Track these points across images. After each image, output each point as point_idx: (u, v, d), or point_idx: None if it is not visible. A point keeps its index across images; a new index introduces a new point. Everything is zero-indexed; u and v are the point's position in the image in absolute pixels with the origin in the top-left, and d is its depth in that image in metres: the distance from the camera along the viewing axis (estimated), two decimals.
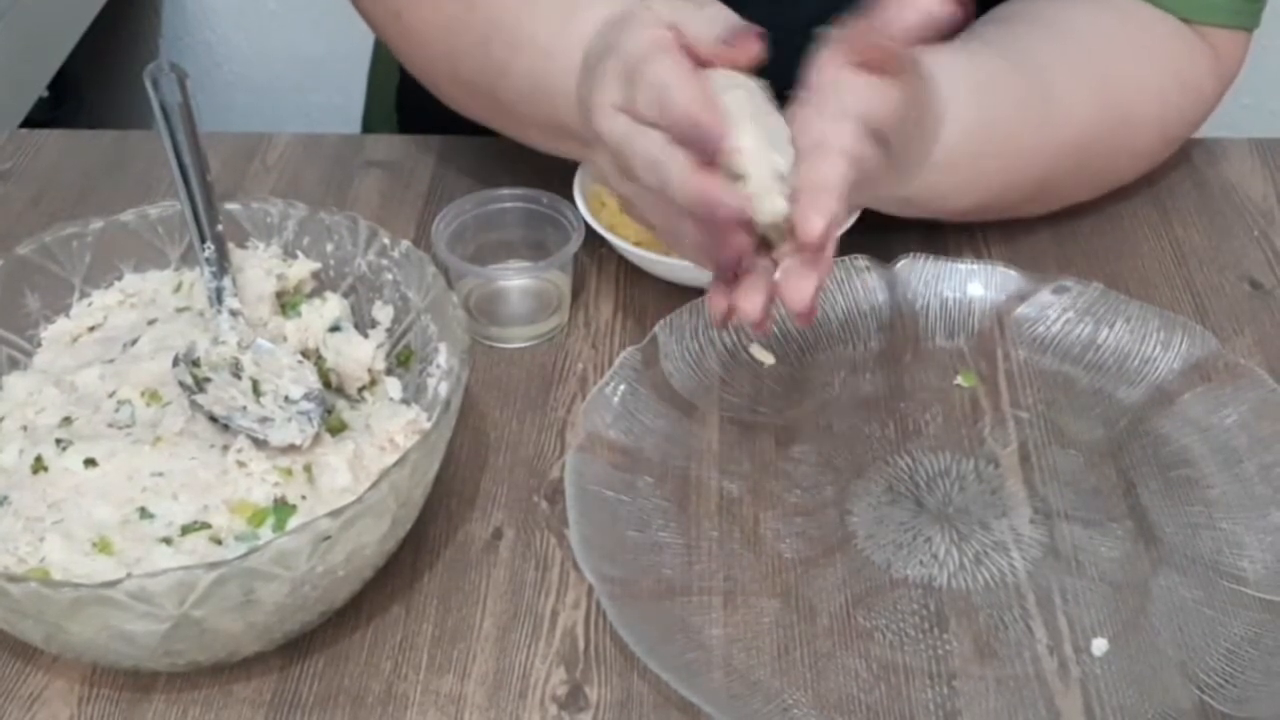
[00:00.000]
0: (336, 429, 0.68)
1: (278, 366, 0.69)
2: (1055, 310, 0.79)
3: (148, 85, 0.73)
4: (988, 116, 0.75)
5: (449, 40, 0.80)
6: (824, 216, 0.60)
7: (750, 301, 0.62)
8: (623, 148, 0.64)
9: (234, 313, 0.70)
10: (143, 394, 0.67)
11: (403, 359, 0.72)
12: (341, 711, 0.62)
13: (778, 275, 0.62)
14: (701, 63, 0.62)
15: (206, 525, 0.62)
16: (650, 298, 0.82)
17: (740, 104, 0.62)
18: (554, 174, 0.84)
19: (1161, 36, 0.83)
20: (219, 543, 0.62)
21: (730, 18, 0.63)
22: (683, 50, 0.62)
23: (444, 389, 0.68)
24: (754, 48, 0.62)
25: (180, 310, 0.72)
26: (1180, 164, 0.91)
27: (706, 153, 0.60)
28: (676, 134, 0.60)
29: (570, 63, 0.70)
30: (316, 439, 0.66)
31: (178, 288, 0.74)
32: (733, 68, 0.63)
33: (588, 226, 0.80)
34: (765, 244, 0.62)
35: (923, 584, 0.67)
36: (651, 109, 0.61)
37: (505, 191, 0.82)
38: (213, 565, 0.55)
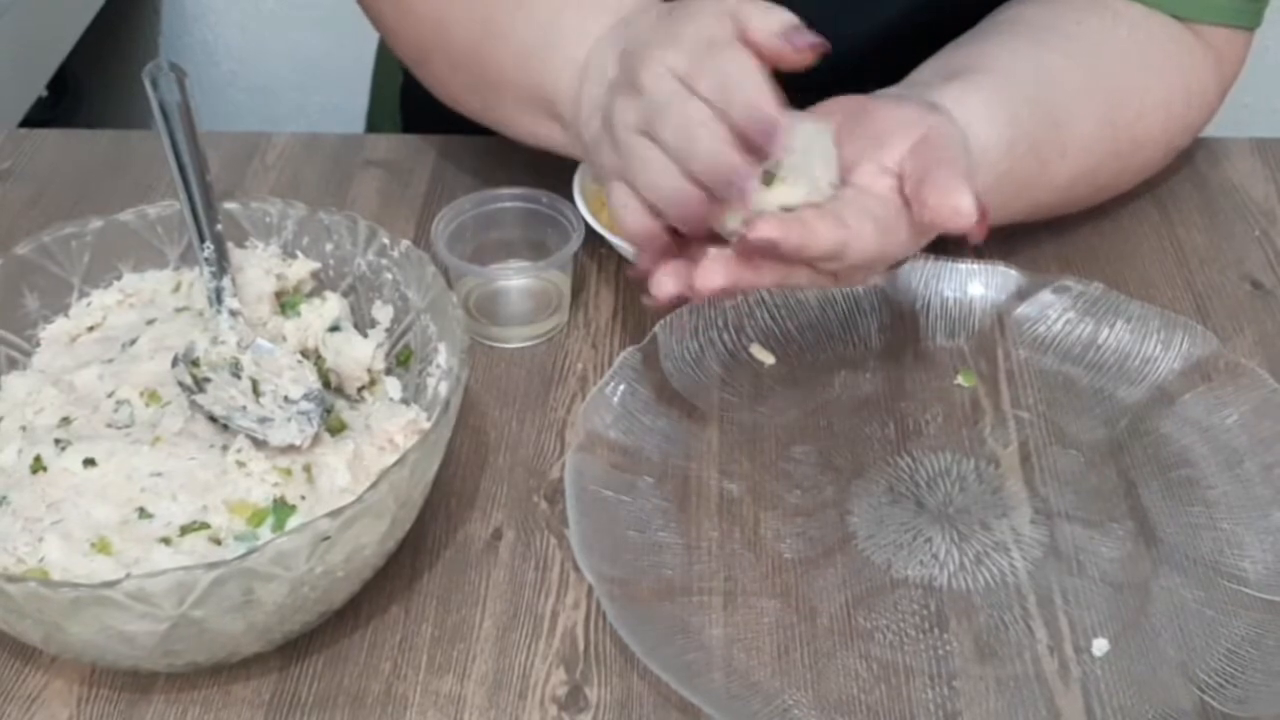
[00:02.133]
0: (336, 429, 0.68)
1: (277, 366, 0.69)
2: (1056, 310, 0.79)
3: (147, 85, 0.73)
4: (1012, 168, 0.75)
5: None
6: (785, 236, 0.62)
7: (710, 278, 0.64)
8: (662, 105, 0.64)
9: (233, 312, 0.70)
10: (142, 394, 0.67)
11: (402, 359, 0.72)
12: (341, 712, 0.62)
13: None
14: (761, 58, 0.63)
15: (206, 525, 0.62)
16: None
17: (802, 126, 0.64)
18: (554, 174, 0.84)
19: (1166, 46, 0.83)
20: (218, 543, 0.62)
21: (790, 18, 0.64)
22: (748, 45, 0.64)
23: (444, 389, 0.68)
24: (810, 50, 0.63)
25: (179, 310, 0.72)
26: (1181, 164, 0.91)
27: (756, 140, 0.61)
28: (734, 117, 0.62)
29: (573, 33, 0.71)
30: (316, 439, 0.66)
31: (177, 287, 0.73)
32: (785, 67, 0.64)
33: (588, 226, 0.80)
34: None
35: (923, 584, 0.67)
36: (714, 90, 0.62)
37: (505, 191, 0.82)
38: (212, 565, 0.55)
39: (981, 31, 0.82)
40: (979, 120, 0.72)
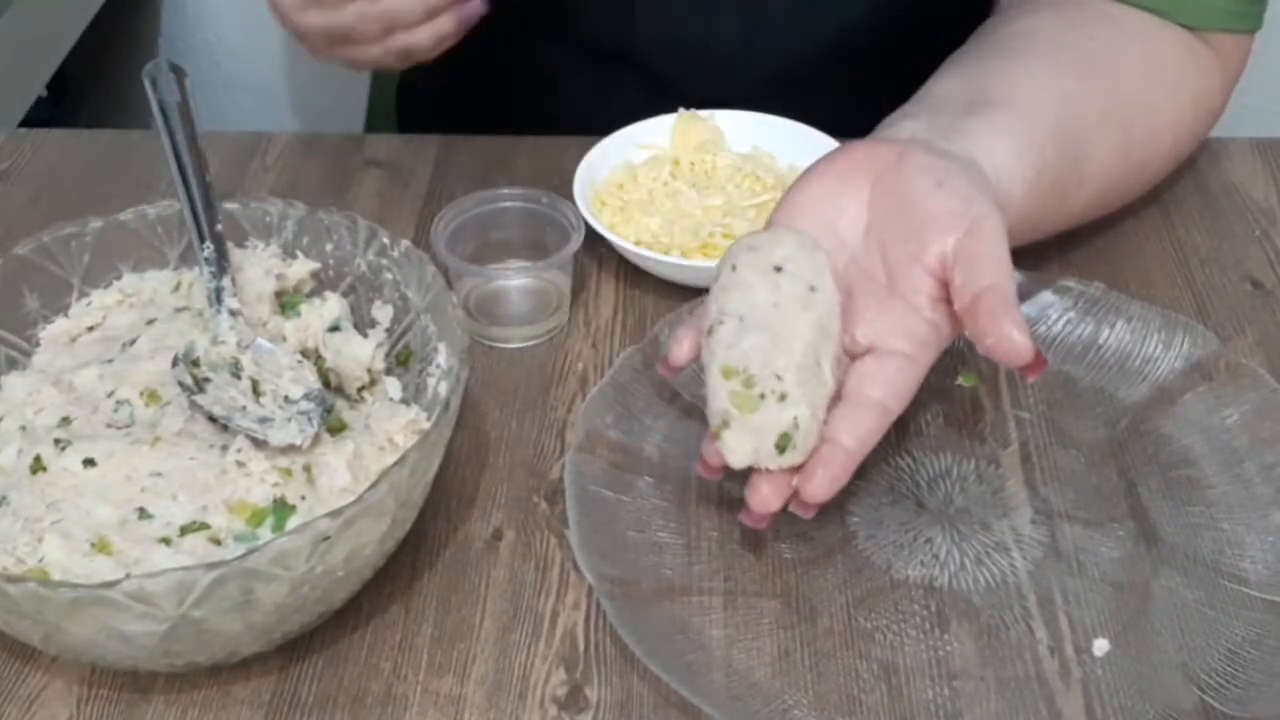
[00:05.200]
0: (336, 429, 0.68)
1: (277, 366, 0.69)
2: (1057, 310, 0.79)
3: (146, 85, 0.73)
4: (1034, 203, 0.75)
5: None
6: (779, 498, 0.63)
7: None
8: None
9: (233, 312, 0.70)
10: (142, 394, 0.67)
11: (402, 359, 0.72)
12: (341, 712, 0.62)
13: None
14: None
15: (205, 525, 0.62)
16: (650, 298, 0.82)
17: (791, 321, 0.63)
18: (554, 174, 0.84)
19: (1177, 59, 0.82)
20: (218, 543, 0.62)
21: None
22: None
23: (444, 389, 0.68)
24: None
25: (179, 310, 0.72)
26: (1182, 165, 0.91)
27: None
28: None
29: None
30: (316, 439, 0.66)
31: (177, 287, 0.74)
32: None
33: (588, 226, 0.80)
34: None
35: (924, 584, 0.67)
36: None
37: (505, 191, 0.82)
38: (212, 566, 0.55)
39: (998, 50, 0.81)
40: (1005, 161, 0.71)
